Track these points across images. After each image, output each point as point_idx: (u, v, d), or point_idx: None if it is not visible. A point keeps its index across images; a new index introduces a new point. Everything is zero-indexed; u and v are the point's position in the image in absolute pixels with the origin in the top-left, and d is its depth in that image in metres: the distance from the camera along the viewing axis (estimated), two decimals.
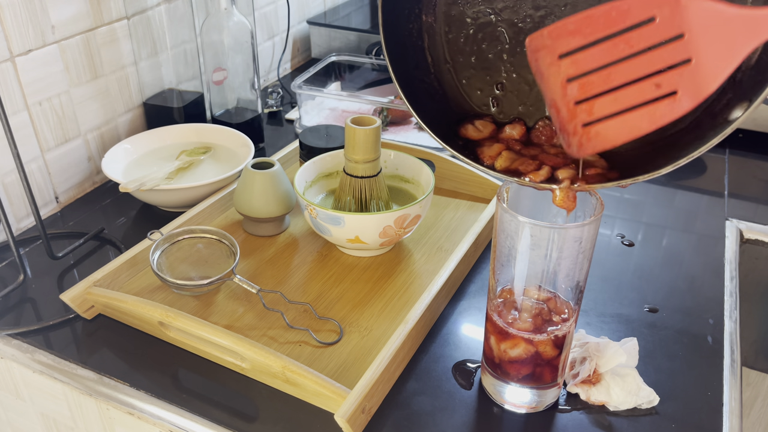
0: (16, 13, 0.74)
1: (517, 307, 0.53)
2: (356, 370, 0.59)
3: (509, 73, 0.53)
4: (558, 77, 0.43)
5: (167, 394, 0.58)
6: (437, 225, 0.79)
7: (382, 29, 0.49)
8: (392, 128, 1.01)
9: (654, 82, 0.40)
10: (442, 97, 0.55)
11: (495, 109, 0.54)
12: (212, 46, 0.91)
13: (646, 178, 0.44)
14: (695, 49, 0.39)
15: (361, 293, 0.69)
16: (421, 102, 0.52)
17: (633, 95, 0.41)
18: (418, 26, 0.54)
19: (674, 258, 0.75)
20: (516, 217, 0.47)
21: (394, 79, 0.50)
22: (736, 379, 0.60)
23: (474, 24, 0.53)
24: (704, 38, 0.38)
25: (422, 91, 0.54)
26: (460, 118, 0.54)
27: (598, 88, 0.42)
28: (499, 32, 0.53)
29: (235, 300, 0.67)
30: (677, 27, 0.39)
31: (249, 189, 0.74)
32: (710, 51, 0.38)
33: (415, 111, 0.50)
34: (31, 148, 0.80)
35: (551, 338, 0.52)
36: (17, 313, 0.67)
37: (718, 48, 0.38)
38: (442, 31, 0.54)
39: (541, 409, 0.56)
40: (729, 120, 0.41)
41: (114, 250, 0.77)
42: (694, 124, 0.46)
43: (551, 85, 0.44)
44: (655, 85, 0.40)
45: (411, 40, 0.53)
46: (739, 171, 0.93)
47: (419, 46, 0.54)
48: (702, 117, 0.46)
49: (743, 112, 0.40)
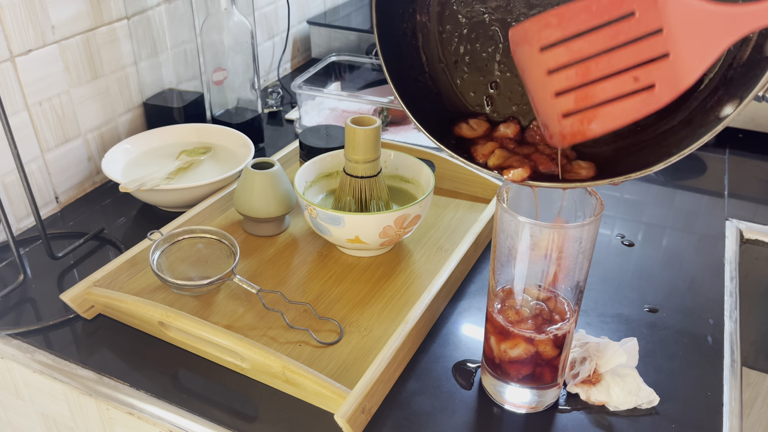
0: (16, 13, 0.74)
1: (517, 307, 0.53)
2: (356, 370, 0.59)
3: (503, 73, 0.53)
4: (539, 69, 0.44)
5: (167, 394, 0.58)
6: (437, 225, 0.79)
7: (376, 29, 0.49)
8: (392, 128, 1.01)
9: (632, 75, 0.41)
10: (437, 97, 0.55)
11: (489, 108, 0.54)
12: (212, 46, 0.91)
13: (638, 176, 0.44)
14: (673, 43, 0.40)
15: (361, 293, 0.69)
16: (415, 101, 0.52)
17: (611, 88, 0.42)
18: (412, 26, 0.54)
19: (674, 258, 0.75)
20: (516, 217, 0.47)
21: (388, 79, 0.50)
22: (736, 379, 0.60)
23: (468, 23, 0.53)
24: (682, 33, 0.39)
25: (417, 90, 0.53)
26: (454, 117, 0.54)
27: (578, 81, 0.43)
28: (493, 31, 0.53)
29: (235, 300, 0.67)
30: (656, 22, 0.40)
31: (249, 189, 0.74)
32: (688, 46, 0.39)
33: (409, 110, 0.50)
34: (31, 148, 0.80)
35: (551, 338, 0.52)
36: (17, 313, 0.67)
37: (696, 43, 0.39)
38: (435, 30, 0.54)
39: (541, 409, 0.56)
40: (720, 117, 0.42)
41: (114, 250, 0.77)
42: (685, 121, 0.46)
43: (532, 76, 0.45)
44: (633, 78, 0.41)
45: (405, 39, 0.53)
46: (739, 171, 0.93)
47: (413, 45, 0.54)
48: (693, 114, 0.46)
49: (734, 109, 0.40)
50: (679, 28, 0.39)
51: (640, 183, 0.90)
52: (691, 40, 0.39)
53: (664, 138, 0.47)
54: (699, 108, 0.46)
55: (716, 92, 0.45)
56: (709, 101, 0.45)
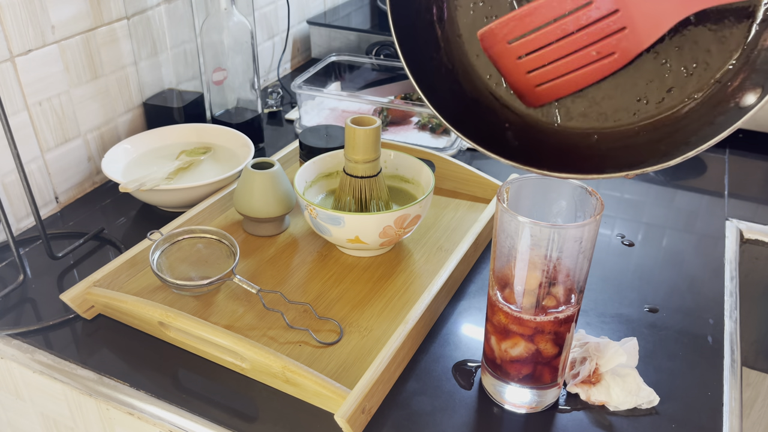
0: (16, 13, 0.74)
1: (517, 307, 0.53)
2: (356, 370, 0.59)
3: None
4: (509, 57, 0.50)
5: (167, 394, 0.58)
6: (437, 225, 0.79)
7: (390, 9, 0.49)
8: (392, 128, 1.01)
9: (594, 49, 0.47)
10: (453, 77, 0.54)
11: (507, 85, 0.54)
12: (212, 46, 0.91)
13: (655, 169, 0.44)
14: (629, 19, 0.45)
15: (361, 293, 0.69)
16: (431, 84, 0.51)
17: (576, 61, 0.48)
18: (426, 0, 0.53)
19: (674, 258, 0.75)
20: (516, 217, 0.47)
21: (402, 59, 0.50)
22: (736, 379, 0.60)
23: None
24: (637, 11, 0.45)
25: (432, 70, 0.53)
26: (470, 102, 0.54)
27: (545, 61, 0.49)
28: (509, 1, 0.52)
29: (235, 300, 0.67)
30: (613, 4, 0.45)
31: (249, 189, 0.74)
32: (642, 21, 0.45)
33: (424, 94, 0.50)
34: (31, 148, 0.80)
35: (551, 336, 0.52)
36: (17, 313, 0.67)
37: (649, 19, 0.45)
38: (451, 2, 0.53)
39: (541, 409, 0.56)
40: (741, 106, 0.41)
41: (114, 250, 0.77)
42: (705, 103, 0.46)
43: (504, 63, 0.50)
44: (596, 52, 0.47)
45: (420, 15, 0.53)
46: (739, 171, 0.93)
47: (428, 20, 0.53)
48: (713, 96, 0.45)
49: (757, 100, 0.40)
50: (635, 6, 0.45)
51: (640, 183, 0.90)
52: (646, 17, 0.45)
53: (683, 126, 0.46)
54: (719, 89, 0.45)
55: (738, 73, 0.44)
56: (731, 85, 0.44)
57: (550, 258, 0.49)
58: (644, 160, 0.45)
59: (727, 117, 0.41)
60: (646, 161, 0.44)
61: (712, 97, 0.45)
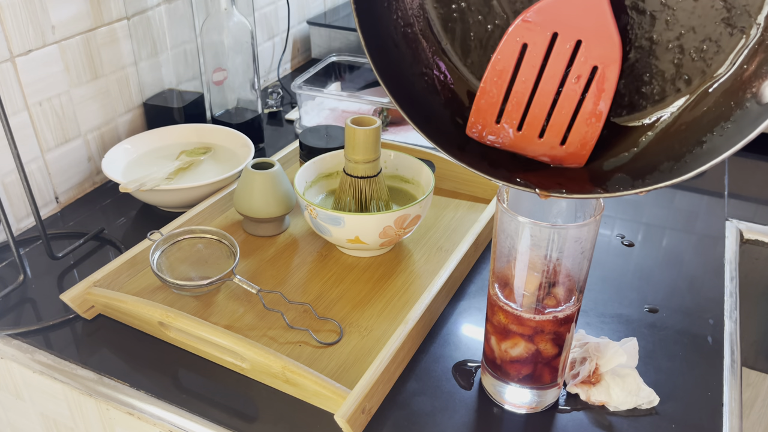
0: (16, 13, 0.74)
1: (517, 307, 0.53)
2: (356, 371, 0.59)
3: None
4: (508, 130, 0.49)
5: (167, 394, 0.58)
6: (437, 225, 0.79)
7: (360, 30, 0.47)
8: (392, 128, 1.01)
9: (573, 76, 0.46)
10: (449, 90, 0.52)
11: None
12: (212, 46, 0.91)
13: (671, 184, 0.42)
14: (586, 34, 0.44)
15: (361, 293, 0.69)
16: (418, 102, 0.50)
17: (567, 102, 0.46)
18: (403, 12, 0.50)
19: (674, 258, 0.75)
20: (516, 217, 0.47)
21: (382, 84, 0.48)
22: (736, 380, 0.60)
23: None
24: (585, 23, 0.44)
25: (423, 88, 0.51)
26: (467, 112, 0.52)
27: (542, 116, 0.47)
28: (494, 3, 0.49)
29: (235, 300, 0.67)
30: (574, 38, 0.44)
31: (249, 189, 0.74)
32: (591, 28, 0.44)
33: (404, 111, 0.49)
34: (31, 148, 0.80)
35: (551, 336, 0.52)
36: (17, 313, 0.67)
37: (590, 20, 0.44)
38: (432, 8, 0.50)
39: (541, 410, 0.56)
40: (759, 102, 0.39)
41: (114, 250, 0.77)
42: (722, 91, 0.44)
43: (514, 143, 0.49)
44: (576, 77, 0.45)
45: (397, 30, 0.50)
46: (739, 171, 0.93)
47: (409, 34, 0.50)
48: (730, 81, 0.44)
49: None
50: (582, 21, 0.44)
51: None
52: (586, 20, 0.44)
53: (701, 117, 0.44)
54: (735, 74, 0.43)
55: (754, 57, 0.42)
56: (747, 69, 0.42)
57: (550, 258, 0.49)
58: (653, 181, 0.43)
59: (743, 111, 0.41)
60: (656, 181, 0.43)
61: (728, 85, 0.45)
